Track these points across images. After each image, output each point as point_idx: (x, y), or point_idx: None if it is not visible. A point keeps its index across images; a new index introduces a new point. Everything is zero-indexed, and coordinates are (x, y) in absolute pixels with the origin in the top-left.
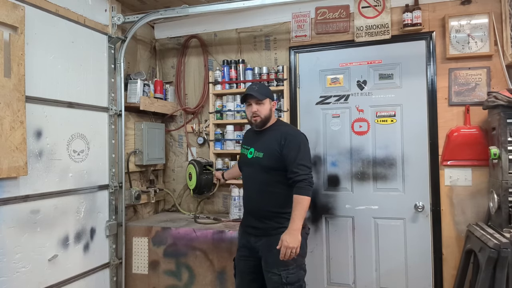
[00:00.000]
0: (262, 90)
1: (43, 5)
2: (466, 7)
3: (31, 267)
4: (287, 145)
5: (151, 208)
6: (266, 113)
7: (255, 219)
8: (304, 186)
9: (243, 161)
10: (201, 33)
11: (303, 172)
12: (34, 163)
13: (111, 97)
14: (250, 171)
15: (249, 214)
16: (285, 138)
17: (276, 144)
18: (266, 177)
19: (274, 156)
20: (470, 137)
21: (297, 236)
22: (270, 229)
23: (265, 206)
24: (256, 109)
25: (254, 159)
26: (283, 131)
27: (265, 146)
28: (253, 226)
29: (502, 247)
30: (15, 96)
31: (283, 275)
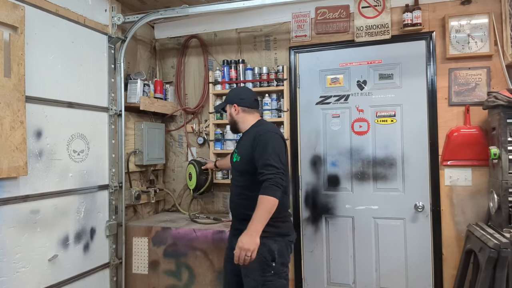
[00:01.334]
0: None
1: (43, 5)
2: (466, 7)
3: (31, 267)
4: (256, 146)
5: (151, 208)
6: (229, 118)
7: (237, 221)
8: (268, 185)
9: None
10: (201, 33)
11: (268, 171)
12: (34, 163)
13: (111, 97)
14: (233, 174)
15: (233, 216)
16: (255, 139)
17: (250, 147)
18: (242, 180)
19: (248, 160)
20: (470, 137)
21: (254, 238)
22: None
23: (243, 209)
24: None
25: (235, 163)
26: (255, 132)
27: (242, 150)
28: (236, 228)
29: (502, 247)
30: (15, 96)
31: (260, 282)
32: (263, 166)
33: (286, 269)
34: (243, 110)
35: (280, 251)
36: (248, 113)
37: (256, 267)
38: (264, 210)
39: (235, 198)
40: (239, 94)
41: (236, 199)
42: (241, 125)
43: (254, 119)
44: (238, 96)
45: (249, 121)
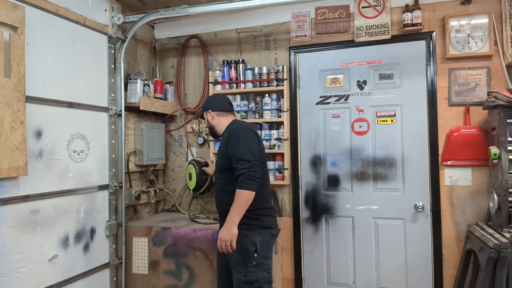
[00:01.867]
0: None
1: (43, 5)
2: (466, 7)
3: (31, 267)
4: (229, 142)
5: (151, 208)
6: (207, 124)
7: (221, 218)
8: (243, 180)
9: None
10: (201, 33)
11: (242, 166)
12: (34, 163)
13: (111, 97)
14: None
15: (218, 214)
16: (227, 136)
17: (224, 145)
18: (221, 177)
19: (224, 157)
20: (470, 137)
21: (231, 229)
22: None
23: (224, 205)
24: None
25: (216, 163)
26: (228, 131)
27: (219, 149)
28: (220, 223)
29: (502, 247)
30: (15, 96)
31: (243, 273)
32: (237, 161)
33: (268, 261)
34: (218, 115)
35: (263, 243)
36: (222, 116)
37: (239, 259)
38: (239, 203)
39: (217, 195)
40: (212, 100)
41: (218, 196)
42: (217, 128)
43: (228, 120)
44: (211, 102)
45: (224, 123)
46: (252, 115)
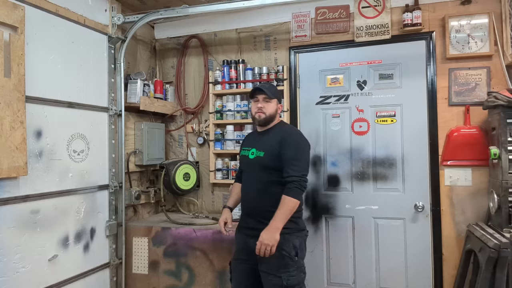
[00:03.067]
0: (272, 90)
1: (43, 5)
2: (466, 7)
3: (31, 267)
4: (285, 144)
5: (151, 208)
6: (272, 111)
7: (254, 220)
8: (293, 188)
9: (244, 162)
10: (201, 33)
11: (295, 173)
12: (34, 163)
13: (111, 97)
14: (250, 171)
15: (248, 216)
16: (285, 137)
17: (277, 143)
18: (266, 176)
19: (274, 155)
20: (470, 137)
21: (274, 234)
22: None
23: (265, 206)
24: (263, 106)
25: (255, 159)
26: (284, 130)
27: (267, 146)
28: (252, 227)
29: (502, 247)
30: (15, 96)
31: (284, 278)
32: (291, 166)
33: (304, 262)
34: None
35: (301, 245)
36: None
37: (280, 264)
38: (287, 210)
39: (254, 194)
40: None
41: (256, 195)
42: (272, 121)
43: (278, 118)
44: (279, 94)
45: (277, 120)
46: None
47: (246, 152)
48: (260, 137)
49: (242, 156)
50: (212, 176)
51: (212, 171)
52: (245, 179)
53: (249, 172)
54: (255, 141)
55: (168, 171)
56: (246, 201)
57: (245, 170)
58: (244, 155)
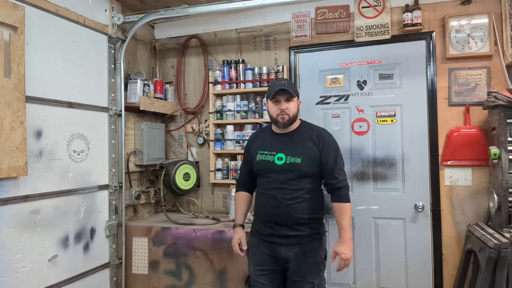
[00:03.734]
0: (293, 87)
1: (43, 5)
2: (466, 7)
3: (31, 267)
4: (326, 148)
5: (151, 208)
6: (295, 111)
7: (287, 228)
8: (346, 193)
9: (266, 168)
10: (201, 33)
11: (343, 178)
12: (34, 163)
13: (111, 97)
14: (281, 179)
15: (275, 223)
16: (323, 141)
17: (314, 147)
18: (303, 183)
19: (313, 161)
20: (470, 137)
21: (351, 245)
22: (305, 237)
23: (300, 213)
24: (286, 107)
25: (288, 166)
26: (318, 133)
27: (302, 151)
28: (283, 235)
29: (502, 247)
30: (15, 96)
31: (316, 283)
32: (338, 170)
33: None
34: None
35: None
36: None
37: (314, 269)
38: (349, 217)
39: (286, 201)
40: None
41: (289, 203)
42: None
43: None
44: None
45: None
46: (252, 115)
47: (268, 156)
48: (284, 140)
49: (262, 162)
50: (212, 176)
51: (212, 171)
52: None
53: (279, 179)
54: (279, 144)
55: (168, 171)
56: (274, 209)
57: (269, 177)
58: (264, 160)
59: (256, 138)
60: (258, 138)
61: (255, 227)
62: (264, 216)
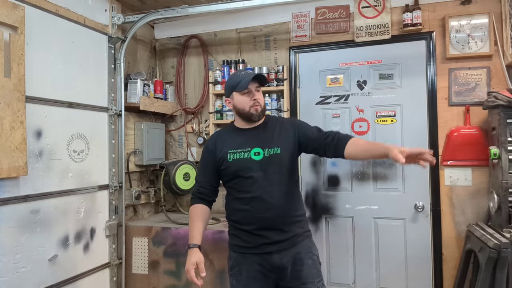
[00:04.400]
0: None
1: (43, 5)
2: (466, 7)
3: (31, 267)
4: (299, 125)
5: (151, 208)
6: (263, 103)
7: (279, 231)
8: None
9: (246, 167)
10: (201, 33)
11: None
12: (34, 163)
13: (111, 97)
14: (262, 176)
15: (265, 229)
16: (293, 122)
17: (288, 133)
18: (286, 177)
19: (291, 149)
20: (470, 137)
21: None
22: (296, 237)
23: (289, 211)
24: (258, 97)
25: (270, 158)
26: (286, 119)
27: (277, 140)
28: (276, 240)
29: (502, 247)
30: (15, 96)
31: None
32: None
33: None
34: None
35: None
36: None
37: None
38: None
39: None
40: None
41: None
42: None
43: None
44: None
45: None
46: None
47: (242, 154)
48: (254, 134)
49: (236, 161)
50: None
51: None
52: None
53: (258, 178)
54: (251, 139)
55: (168, 171)
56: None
57: (249, 177)
58: (239, 158)
59: (219, 139)
60: (221, 139)
61: (235, 241)
62: (250, 224)
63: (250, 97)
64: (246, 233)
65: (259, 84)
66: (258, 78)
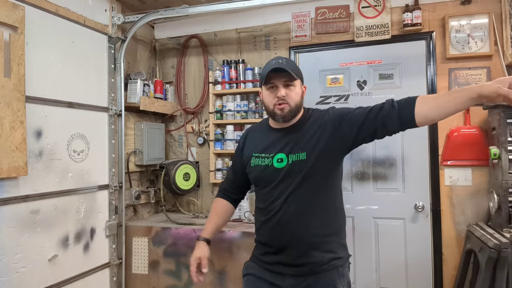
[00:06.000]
0: (293, 66)
1: (43, 5)
2: (466, 7)
3: (31, 267)
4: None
5: (151, 208)
6: (298, 100)
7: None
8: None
9: (265, 175)
10: (201, 33)
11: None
12: (34, 163)
13: (111, 97)
14: (280, 186)
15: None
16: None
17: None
18: (312, 187)
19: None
20: (470, 137)
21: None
22: (321, 264)
23: (312, 231)
24: (285, 93)
25: (292, 167)
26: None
27: (307, 143)
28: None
29: (502, 247)
30: (15, 96)
31: None
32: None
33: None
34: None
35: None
36: None
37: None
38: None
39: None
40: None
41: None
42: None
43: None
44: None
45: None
46: (252, 115)
47: (265, 160)
48: (285, 135)
49: (257, 167)
50: (212, 176)
51: (212, 171)
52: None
53: (277, 188)
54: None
55: (168, 171)
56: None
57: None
58: (261, 165)
59: (248, 137)
60: (252, 137)
61: (255, 251)
62: (264, 238)
63: (275, 94)
64: (262, 247)
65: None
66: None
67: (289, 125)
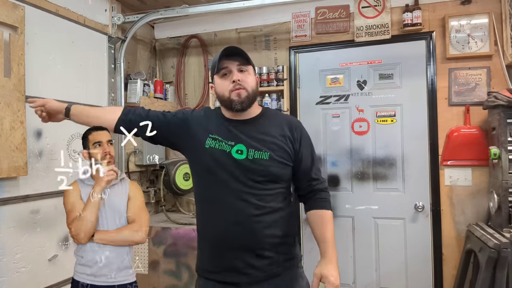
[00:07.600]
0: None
1: (43, 5)
2: (466, 7)
3: (31, 267)
4: (305, 142)
5: (151, 208)
6: (254, 86)
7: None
8: (329, 197)
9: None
10: (201, 33)
11: (323, 179)
12: (34, 163)
13: (111, 97)
14: (239, 180)
15: (233, 249)
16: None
17: (287, 139)
18: (271, 188)
19: (285, 158)
20: (470, 137)
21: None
22: (276, 266)
23: (271, 232)
24: (240, 78)
25: (253, 163)
26: (292, 121)
27: (270, 143)
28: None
29: (502, 247)
30: (15, 96)
31: None
32: (317, 170)
33: None
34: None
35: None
36: None
37: None
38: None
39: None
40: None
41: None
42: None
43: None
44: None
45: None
46: None
47: (224, 145)
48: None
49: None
50: None
51: None
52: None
53: (233, 181)
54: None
55: (168, 171)
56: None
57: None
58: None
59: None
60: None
61: (201, 264)
62: (214, 238)
63: (230, 79)
64: (210, 253)
65: (241, 62)
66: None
67: (246, 118)
